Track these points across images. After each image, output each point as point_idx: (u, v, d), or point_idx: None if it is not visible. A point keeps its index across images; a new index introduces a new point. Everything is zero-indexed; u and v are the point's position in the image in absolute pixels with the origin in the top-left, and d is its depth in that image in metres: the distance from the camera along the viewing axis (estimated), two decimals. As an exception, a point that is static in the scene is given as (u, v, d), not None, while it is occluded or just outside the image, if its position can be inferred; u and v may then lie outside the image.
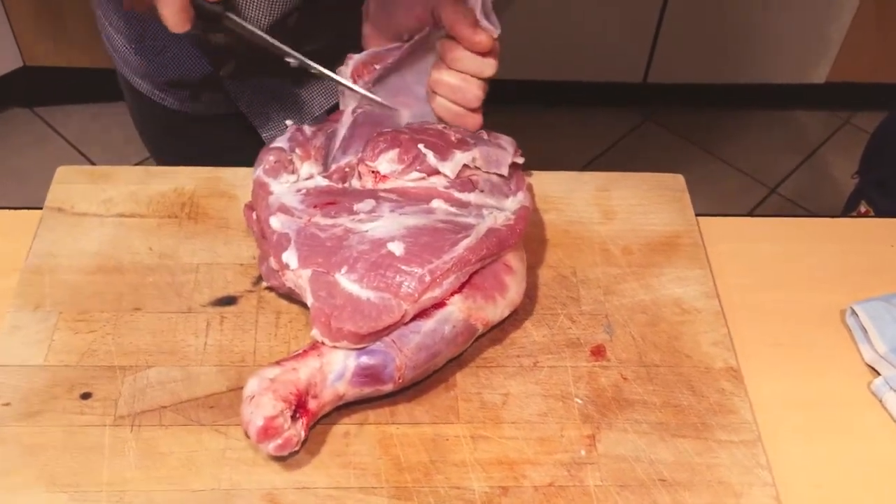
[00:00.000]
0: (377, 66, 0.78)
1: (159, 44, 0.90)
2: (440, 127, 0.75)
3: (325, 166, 0.75)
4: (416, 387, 0.67)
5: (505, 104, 2.35)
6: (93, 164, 2.16)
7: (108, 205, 0.79)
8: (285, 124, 0.77)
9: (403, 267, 0.64)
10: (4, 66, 2.20)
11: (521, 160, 0.76)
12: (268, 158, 0.73)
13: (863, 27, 2.21)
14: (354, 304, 0.63)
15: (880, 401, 0.70)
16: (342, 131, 0.77)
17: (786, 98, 2.43)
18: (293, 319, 0.72)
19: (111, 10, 0.90)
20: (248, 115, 0.95)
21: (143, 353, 0.69)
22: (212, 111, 0.97)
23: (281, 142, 0.75)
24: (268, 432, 0.60)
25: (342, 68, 0.80)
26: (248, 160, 0.76)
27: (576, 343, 0.71)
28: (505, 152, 0.75)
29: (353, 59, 0.79)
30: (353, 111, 0.78)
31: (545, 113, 2.39)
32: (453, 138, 0.73)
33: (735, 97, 2.41)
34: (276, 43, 0.75)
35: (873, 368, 0.72)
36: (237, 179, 0.82)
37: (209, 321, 0.71)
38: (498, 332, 0.72)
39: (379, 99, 0.77)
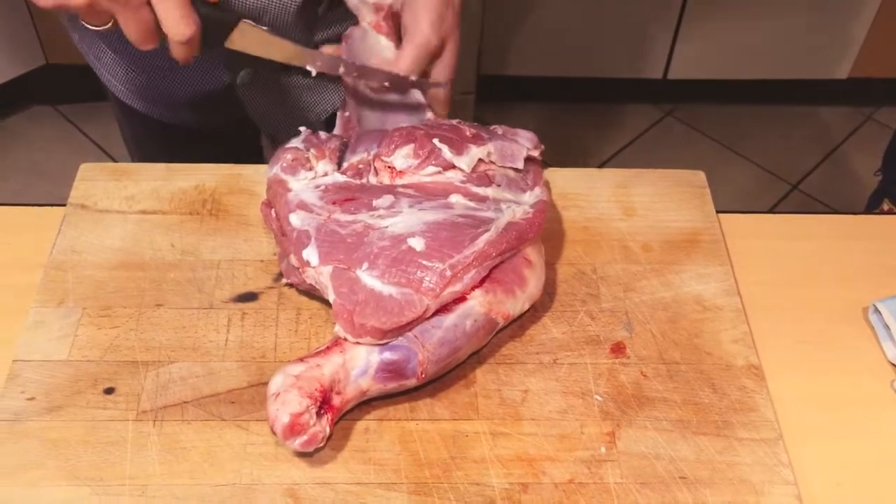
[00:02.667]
0: (352, 123, 0.79)
1: (179, 65, 0.90)
2: (454, 122, 0.75)
3: (340, 168, 0.75)
4: (435, 383, 0.67)
5: (525, 100, 2.36)
6: (115, 161, 2.18)
7: (130, 201, 0.80)
8: (298, 130, 0.77)
9: (424, 262, 0.65)
10: (28, 64, 2.22)
11: (536, 152, 0.76)
12: (285, 157, 0.73)
13: (886, 23, 2.19)
14: (377, 300, 0.63)
15: (903, 399, 0.70)
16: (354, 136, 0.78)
17: (808, 94, 2.41)
18: (313, 316, 0.72)
19: (120, 41, 0.89)
20: (261, 125, 0.95)
21: (165, 348, 0.69)
22: (221, 124, 0.98)
23: (296, 143, 0.75)
24: (294, 429, 0.60)
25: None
26: None
27: (595, 340, 0.71)
28: (519, 146, 0.75)
29: (332, 142, 0.79)
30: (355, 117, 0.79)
31: (565, 109, 2.39)
32: (468, 133, 0.73)
33: (756, 93, 2.39)
34: (300, 48, 0.75)
35: (896, 366, 0.72)
36: (258, 176, 0.83)
37: (230, 317, 0.72)
38: (517, 328, 0.72)
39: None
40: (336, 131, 0.82)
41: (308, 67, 0.76)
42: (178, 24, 0.66)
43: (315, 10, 0.85)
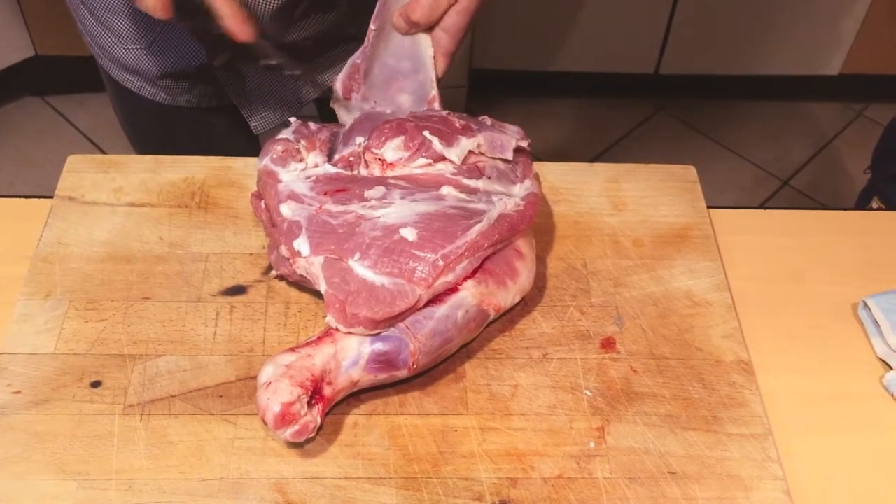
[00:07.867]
0: (358, 75, 0.78)
1: (158, 37, 0.89)
2: (444, 113, 0.75)
3: (330, 160, 0.75)
4: (425, 377, 0.67)
5: (516, 95, 2.36)
6: (104, 153, 2.16)
7: (118, 194, 0.80)
8: (288, 120, 0.76)
9: (417, 252, 0.64)
10: (16, 55, 2.21)
11: (524, 143, 0.76)
12: (275, 148, 0.73)
13: (877, 19, 2.19)
14: (369, 290, 0.63)
15: (892, 395, 0.70)
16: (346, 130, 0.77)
17: (799, 90, 2.41)
18: (302, 309, 0.72)
19: (103, 9, 0.90)
20: (239, 105, 0.95)
21: (152, 342, 0.69)
22: (202, 104, 0.97)
23: (286, 134, 0.75)
24: (285, 419, 0.60)
25: (336, 85, 0.80)
26: (234, 154, 0.76)
27: (585, 335, 0.71)
28: (509, 137, 0.75)
29: (339, 81, 0.79)
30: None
31: (556, 104, 2.38)
32: (457, 124, 0.73)
33: (747, 88, 2.39)
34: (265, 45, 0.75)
35: (885, 362, 0.72)
36: (247, 169, 0.82)
37: (218, 311, 0.71)
38: (507, 323, 0.71)
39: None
40: (343, 71, 0.81)
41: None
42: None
43: (291, 13, 0.85)
